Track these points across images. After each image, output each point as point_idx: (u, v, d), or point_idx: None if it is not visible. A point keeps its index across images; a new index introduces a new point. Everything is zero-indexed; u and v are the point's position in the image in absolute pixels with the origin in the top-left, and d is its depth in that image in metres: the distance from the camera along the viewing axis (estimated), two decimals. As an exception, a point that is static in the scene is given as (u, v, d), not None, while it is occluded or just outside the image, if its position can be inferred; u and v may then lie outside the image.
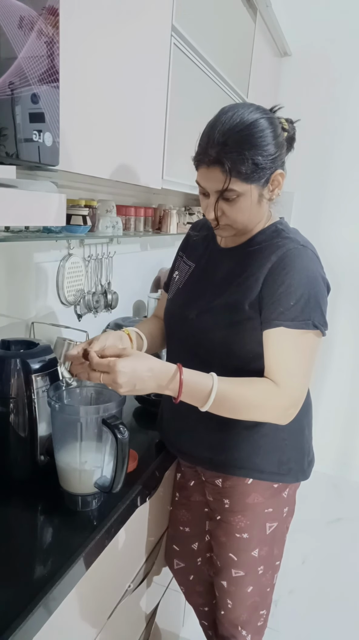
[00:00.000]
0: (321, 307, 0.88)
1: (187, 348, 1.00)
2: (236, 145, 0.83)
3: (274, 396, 0.87)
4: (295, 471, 1.01)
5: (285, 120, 0.94)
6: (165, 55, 1.25)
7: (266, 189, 0.90)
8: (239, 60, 1.84)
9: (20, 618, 0.64)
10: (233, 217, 0.91)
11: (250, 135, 0.84)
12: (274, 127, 0.87)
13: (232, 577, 1.08)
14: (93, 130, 0.99)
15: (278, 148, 0.88)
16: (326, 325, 0.89)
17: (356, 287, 2.49)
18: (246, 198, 0.88)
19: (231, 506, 1.03)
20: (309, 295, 0.87)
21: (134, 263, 1.94)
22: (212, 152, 0.84)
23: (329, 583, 1.95)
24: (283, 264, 0.88)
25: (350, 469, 2.67)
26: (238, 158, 0.83)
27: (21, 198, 0.65)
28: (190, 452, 1.05)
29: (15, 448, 0.94)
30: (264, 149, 0.85)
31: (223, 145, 0.83)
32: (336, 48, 2.30)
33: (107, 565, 0.91)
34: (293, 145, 0.97)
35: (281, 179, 0.91)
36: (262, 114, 0.87)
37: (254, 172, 0.85)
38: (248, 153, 0.83)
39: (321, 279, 0.90)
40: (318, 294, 0.88)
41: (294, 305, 0.86)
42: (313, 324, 0.86)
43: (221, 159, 0.84)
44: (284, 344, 0.87)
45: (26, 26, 0.62)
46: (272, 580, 1.11)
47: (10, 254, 1.24)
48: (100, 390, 0.98)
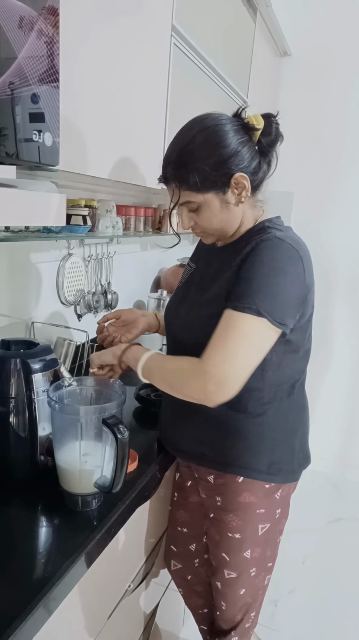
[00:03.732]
0: (280, 299, 0.86)
1: (178, 343, 1.04)
2: (181, 160, 0.89)
3: (194, 365, 0.87)
4: (285, 472, 1.01)
5: (262, 116, 0.92)
6: (165, 55, 1.25)
7: (228, 194, 0.91)
8: (239, 60, 1.84)
9: (20, 618, 0.64)
10: (204, 225, 0.95)
11: (195, 147, 0.88)
12: (228, 132, 0.88)
13: (226, 579, 1.08)
14: (93, 130, 0.99)
15: (234, 151, 0.88)
16: (282, 320, 0.86)
17: (355, 287, 2.49)
18: (207, 206, 0.92)
19: (223, 504, 1.04)
20: (265, 284, 0.85)
21: (134, 263, 1.94)
22: (166, 172, 0.92)
23: (329, 583, 1.95)
24: (253, 253, 0.88)
25: (350, 469, 2.67)
26: (184, 172, 0.89)
27: (21, 198, 0.65)
28: (182, 447, 1.07)
29: (15, 448, 0.94)
30: (210, 158, 0.87)
31: (173, 162, 0.90)
32: (336, 48, 2.30)
33: (107, 565, 0.91)
34: (277, 140, 0.94)
35: (244, 181, 0.90)
36: (212, 122, 0.88)
37: (203, 182, 0.88)
38: (193, 165, 0.87)
39: (292, 273, 0.87)
40: (280, 285, 0.86)
41: (244, 290, 0.85)
42: (257, 310, 0.83)
43: (171, 177, 0.91)
44: (222, 324, 0.86)
45: (26, 26, 0.62)
46: (264, 582, 1.11)
47: (11, 254, 1.24)
48: (100, 390, 0.99)
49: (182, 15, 1.27)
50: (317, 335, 1.07)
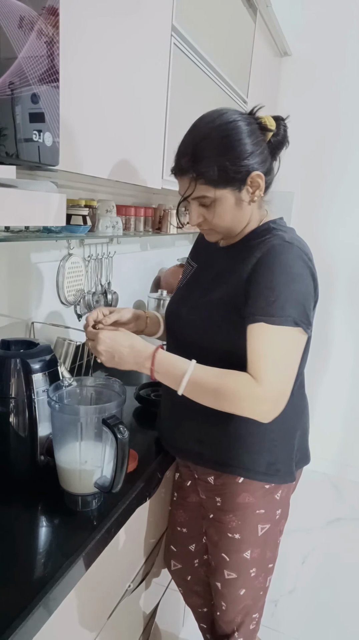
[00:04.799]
0: (303, 305, 0.87)
1: (180, 344, 1.02)
2: (202, 153, 0.87)
3: (249, 387, 0.86)
4: (283, 473, 1.01)
5: (273, 118, 0.93)
6: (165, 55, 1.25)
7: (243, 192, 0.91)
8: (239, 60, 1.84)
9: (20, 618, 0.64)
10: (213, 222, 0.94)
11: (216, 140, 0.87)
12: (247, 130, 0.88)
13: (225, 579, 1.08)
14: (93, 130, 0.99)
15: (253, 150, 0.88)
16: (309, 324, 0.88)
17: (355, 287, 2.49)
18: (222, 203, 0.90)
19: (223, 504, 1.03)
20: (290, 291, 0.86)
21: (134, 263, 1.94)
22: (182, 162, 0.90)
23: (329, 583, 1.95)
24: (266, 259, 0.88)
25: (350, 469, 2.67)
26: (205, 165, 0.87)
27: (21, 198, 0.65)
28: (180, 446, 1.06)
29: (15, 448, 0.94)
30: (232, 154, 0.86)
31: (191, 155, 0.88)
32: (336, 48, 2.30)
33: (107, 565, 0.91)
34: (284, 142, 0.96)
35: (259, 181, 0.90)
36: (234, 117, 0.88)
37: (223, 178, 0.87)
38: (214, 160, 0.86)
39: (306, 276, 0.89)
40: (301, 291, 0.87)
41: (274, 301, 0.85)
42: (293, 320, 0.85)
43: (189, 168, 0.88)
44: (263, 339, 0.87)
45: (26, 26, 0.62)
46: (265, 584, 1.11)
47: (11, 254, 1.24)
48: (100, 390, 0.99)
49: (182, 15, 1.27)
50: (317, 336, 1.07)
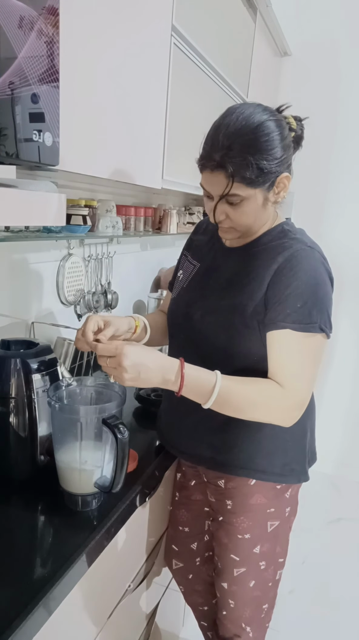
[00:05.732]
0: (327, 310, 0.88)
1: (190, 347, 1.00)
2: (240, 149, 0.82)
3: (279, 397, 0.87)
4: (297, 472, 1.01)
5: (293, 118, 0.93)
6: (165, 55, 1.25)
7: (271, 192, 0.89)
8: (239, 60, 1.84)
9: (20, 618, 0.64)
10: (237, 221, 0.90)
11: (255, 139, 0.82)
12: (281, 130, 0.86)
13: (234, 577, 1.07)
14: (93, 130, 0.99)
15: (285, 151, 0.86)
16: (331, 328, 0.89)
17: (355, 287, 2.49)
18: (250, 202, 0.87)
19: (234, 507, 1.03)
20: (316, 297, 0.86)
21: (134, 263, 1.94)
22: (216, 157, 0.83)
23: (329, 583, 1.95)
24: (290, 265, 0.87)
25: (350, 469, 2.67)
26: (242, 163, 0.82)
27: (21, 198, 0.65)
28: (191, 452, 1.05)
29: (15, 448, 0.94)
30: (270, 153, 0.83)
31: (227, 149, 0.82)
32: (336, 47, 2.30)
33: (107, 565, 0.91)
34: (300, 144, 0.95)
35: (286, 182, 0.89)
36: (269, 115, 0.85)
37: (258, 177, 0.84)
38: (253, 158, 0.82)
39: (327, 281, 0.90)
40: (325, 296, 0.88)
41: (301, 307, 0.85)
42: (319, 327, 0.86)
43: (225, 164, 0.82)
44: (289, 346, 0.87)
45: (26, 26, 0.62)
46: (275, 576, 1.10)
47: (11, 254, 1.24)
48: (100, 390, 0.98)
49: (182, 15, 1.27)
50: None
